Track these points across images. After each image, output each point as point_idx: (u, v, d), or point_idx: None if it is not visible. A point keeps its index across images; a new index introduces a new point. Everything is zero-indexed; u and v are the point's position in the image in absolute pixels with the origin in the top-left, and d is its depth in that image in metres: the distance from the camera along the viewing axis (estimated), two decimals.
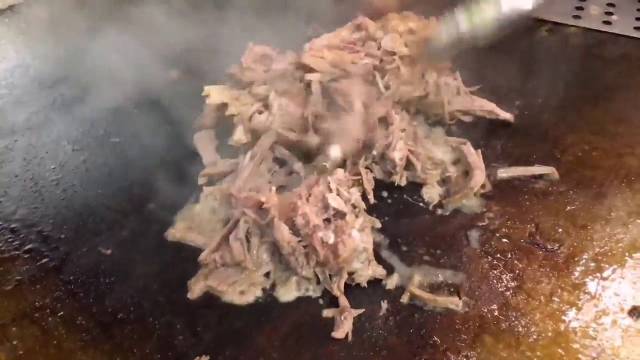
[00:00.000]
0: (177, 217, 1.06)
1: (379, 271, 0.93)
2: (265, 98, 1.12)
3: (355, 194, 0.95)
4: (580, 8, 1.57)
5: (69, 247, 1.04)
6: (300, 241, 0.90)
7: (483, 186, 1.07)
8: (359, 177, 0.99)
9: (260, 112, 1.11)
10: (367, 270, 0.91)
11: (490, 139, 1.19)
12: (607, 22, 1.51)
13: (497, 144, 1.18)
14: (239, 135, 1.12)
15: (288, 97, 1.10)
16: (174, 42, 1.52)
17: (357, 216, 0.93)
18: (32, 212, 1.11)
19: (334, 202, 0.91)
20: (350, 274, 0.91)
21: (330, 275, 0.91)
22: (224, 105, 1.15)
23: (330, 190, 0.92)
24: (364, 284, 0.93)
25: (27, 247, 1.04)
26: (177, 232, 1.03)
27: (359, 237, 0.89)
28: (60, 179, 1.17)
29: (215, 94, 1.18)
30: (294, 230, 0.90)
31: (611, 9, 1.55)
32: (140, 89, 1.35)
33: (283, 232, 0.90)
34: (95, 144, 1.24)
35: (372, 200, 0.98)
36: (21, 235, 1.06)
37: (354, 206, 0.95)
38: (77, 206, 1.11)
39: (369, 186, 0.99)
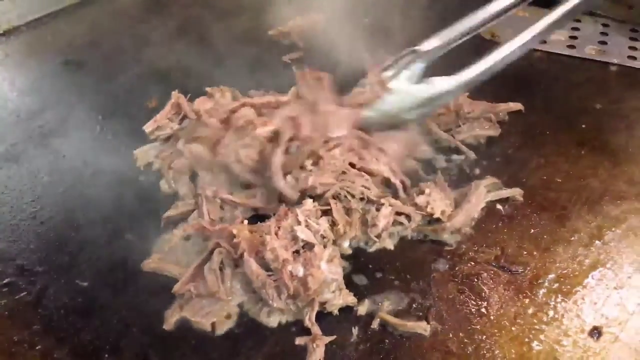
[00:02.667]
0: (153, 247, 1.08)
1: (350, 299, 0.95)
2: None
3: (324, 224, 0.98)
4: None
5: (47, 280, 1.05)
6: (270, 275, 0.92)
7: None
8: (328, 207, 1.02)
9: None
10: (338, 299, 0.93)
11: (457, 163, 1.23)
12: (572, 46, 1.56)
13: (464, 168, 1.22)
14: (164, 187, 1.19)
15: (199, 142, 1.16)
16: (153, 70, 1.55)
17: (325, 246, 0.96)
18: (10, 245, 1.12)
19: (303, 234, 0.93)
20: (322, 303, 0.93)
21: (302, 306, 0.93)
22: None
23: (299, 223, 0.95)
24: (336, 312, 0.95)
25: (5, 281, 1.05)
26: (152, 262, 1.05)
27: (328, 268, 0.91)
28: (38, 212, 1.18)
29: (141, 156, 1.25)
30: (264, 263, 0.93)
31: (575, 33, 1.61)
32: (119, 120, 1.38)
33: (252, 267, 0.92)
34: (73, 176, 1.25)
35: (342, 230, 1.01)
36: None
37: (323, 236, 0.98)
38: (54, 238, 1.13)
39: (339, 216, 1.02)
